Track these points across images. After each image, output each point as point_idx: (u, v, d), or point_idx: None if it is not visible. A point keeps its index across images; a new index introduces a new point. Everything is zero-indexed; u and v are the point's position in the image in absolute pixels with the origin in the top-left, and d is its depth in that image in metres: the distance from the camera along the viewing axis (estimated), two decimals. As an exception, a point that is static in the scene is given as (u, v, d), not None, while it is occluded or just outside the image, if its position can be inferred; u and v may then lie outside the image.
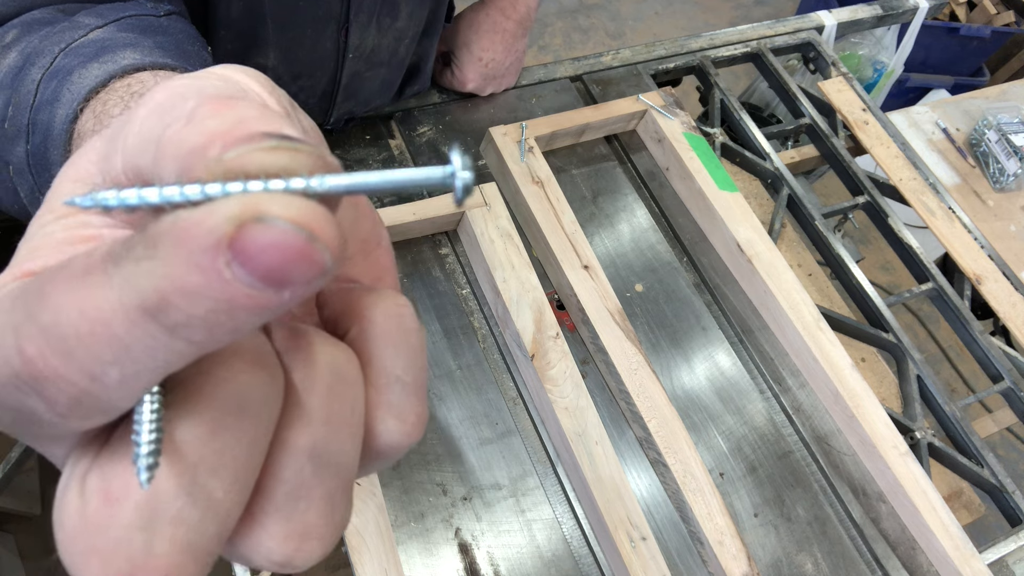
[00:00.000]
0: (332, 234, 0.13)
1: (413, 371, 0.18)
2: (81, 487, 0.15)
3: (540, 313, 0.71)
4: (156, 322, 0.12)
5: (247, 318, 0.13)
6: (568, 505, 0.68)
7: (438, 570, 0.63)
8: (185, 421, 0.15)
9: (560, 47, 2.57)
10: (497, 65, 0.89)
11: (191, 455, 0.14)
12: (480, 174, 0.86)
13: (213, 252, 0.12)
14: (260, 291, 0.12)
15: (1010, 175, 1.14)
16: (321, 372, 0.17)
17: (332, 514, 0.17)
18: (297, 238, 0.12)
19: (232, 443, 0.15)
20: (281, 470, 0.16)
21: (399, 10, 0.71)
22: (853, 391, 0.74)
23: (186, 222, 0.12)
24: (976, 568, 0.68)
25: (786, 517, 0.72)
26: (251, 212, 0.12)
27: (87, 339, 0.13)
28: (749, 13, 2.82)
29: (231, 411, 0.15)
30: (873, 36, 1.39)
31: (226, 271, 0.12)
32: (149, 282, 0.12)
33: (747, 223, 0.84)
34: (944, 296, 0.92)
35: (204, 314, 0.12)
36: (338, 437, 0.17)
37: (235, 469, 0.15)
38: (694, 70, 1.05)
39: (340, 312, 0.19)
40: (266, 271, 0.12)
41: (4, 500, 1.28)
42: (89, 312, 0.13)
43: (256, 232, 0.12)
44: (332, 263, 0.13)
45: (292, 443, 0.16)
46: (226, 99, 0.15)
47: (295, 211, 0.12)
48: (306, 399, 0.16)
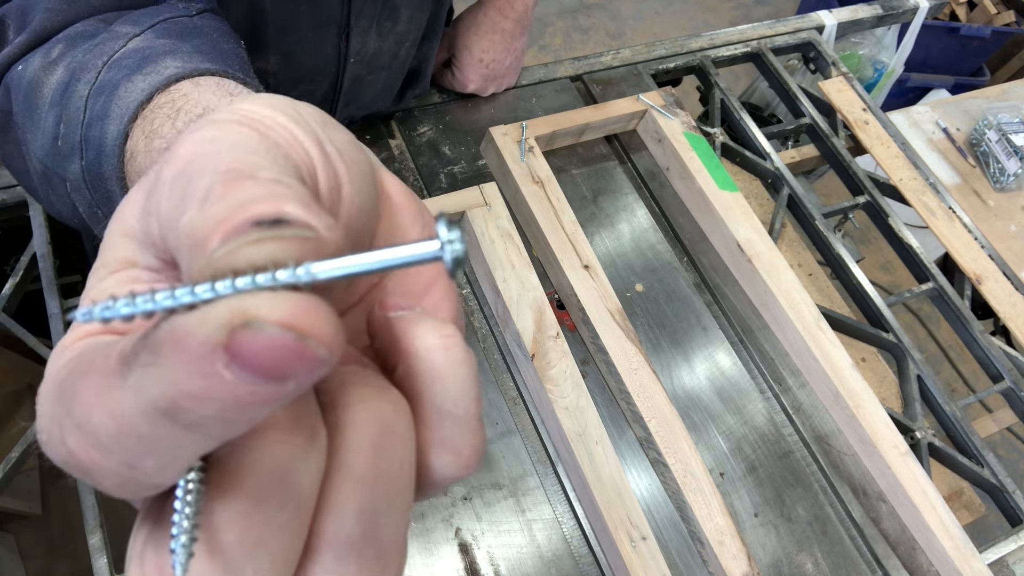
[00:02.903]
0: (323, 327, 0.13)
1: (464, 403, 0.18)
2: (141, 561, 0.16)
3: (540, 313, 0.71)
4: (173, 422, 0.13)
5: (257, 411, 0.13)
6: (568, 505, 0.68)
7: (438, 570, 0.63)
8: (224, 500, 0.15)
9: (560, 47, 2.57)
10: (497, 65, 0.89)
11: (233, 533, 0.15)
12: (480, 174, 0.86)
13: (210, 358, 0.12)
14: (263, 387, 0.13)
15: (1010, 175, 1.14)
16: (368, 429, 0.16)
17: (384, 572, 0.17)
18: (286, 339, 0.13)
19: (275, 515, 0.15)
20: (329, 533, 0.16)
21: (400, 14, 0.71)
22: (853, 391, 0.74)
23: (182, 330, 0.13)
24: (976, 568, 0.68)
25: (786, 517, 0.72)
26: (240, 317, 0.13)
27: (118, 437, 0.14)
28: (749, 13, 2.82)
29: (270, 483, 0.15)
30: (873, 36, 1.39)
31: (226, 373, 0.12)
32: (158, 388, 0.13)
33: (747, 223, 0.84)
34: (944, 296, 0.92)
35: (214, 413, 0.13)
36: (387, 495, 0.16)
37: (280, 539, 0.15)
38: (694, 70, 1.05)
39: (387, 345, 0.19)
40: (264, 371, 0.13)
41: (4, 500, 1.28)
42: (113, 414, 0.13)
43: (247, 337, 0.13)
44: (328, 355, 0.13)
45: (339, 507, 0.16)
46: (235, 176, 0.15)
47: (281, 312, 0.13)
48: (352, 459, 0.16)
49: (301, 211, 0.15)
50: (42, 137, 0.37)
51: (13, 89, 0.40)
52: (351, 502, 0.16)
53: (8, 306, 0.72)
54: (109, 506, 0.62)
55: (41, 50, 0.40)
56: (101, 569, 0.60)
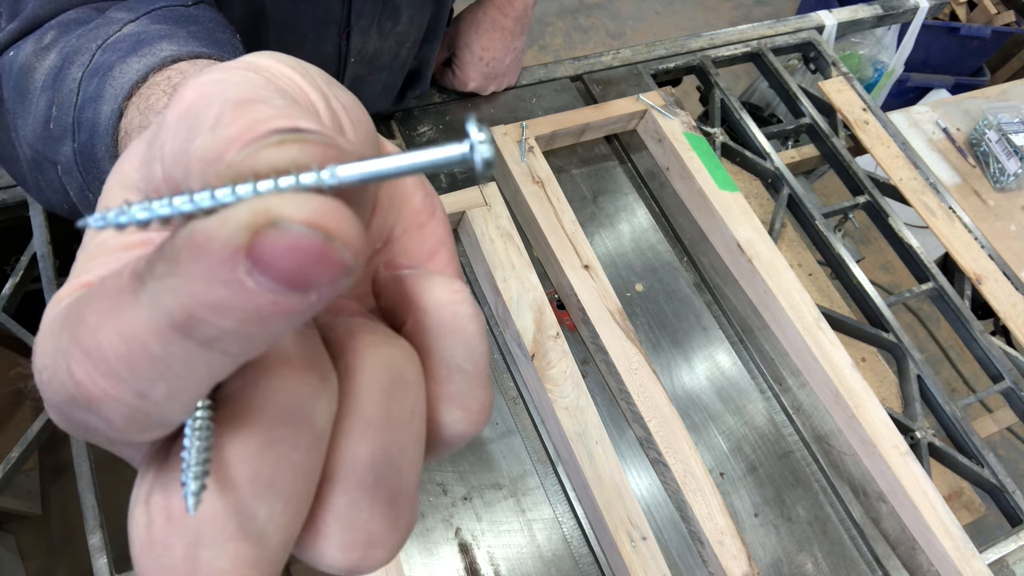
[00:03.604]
0: (350, 230, 0.12)
1: (473, 358, 0.18)
2: (147, 504, 0.15)
3: (540, 313, 0.71)
4: (189, 338, 0.12)
5: (278, 324, 0.13)
6: (568, 505, 0.68)
7: (438, 570, 0.63)
8: (235, 437, 0.14)
9: (560, 47, 2.57)
10: (498, 64, 0.89)
11: (244, 471, 0.14)
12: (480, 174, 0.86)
13: (231, 263, 0.12)
14: (285, 296, 0.12)
15: (1010, 175, 1.14)
16: (378, 374, 0.16)
17: (396, 520, 0.16)
18: (314, 239, 0.12)
19: (286, 455, 0.15)
20: (341, 479, 0.16)
21: (400, 14, 0.71)
22: (853, 391, 0.74)
23: (200, 235, 0.12)
24: (976, 568, 0.68)
25: (786, 517, 0.72)
26: (263, 217, 0.12)
27: (128, 360, 0.13)
28: (749, 13, 2.82)
29: (283, 421, 0.15)
30: (873, 36, 1.39)
31: (248, 280, 0.12)
32: (174, 300, 0.12)
33: (747, 223, 0.84)
34: (944, 296, 0.92)
35: (234, 325, 0.12)
36: (398, 442, 0.16)
37: (293, 480, 0.15)
38: (694, 70, 1.05)
39: (395, 303, 0.18)
40: (288, 276, 0.12)
41: (4, 500, 1.28)
42: (125, 334, 0.13)
43: (271, 238, 0.12)
44: (354, 260, 0.13)
45: (351, 451, 0.16)
46: (246, 102, 0.15)
47: (308, 211, 0.12)
48: (363, 404, 0.16)
49: (317, 126, 0.14)
50: (33, 122, 0.37)
51: (4, 75, 0.39)
52: (364, 446, 0.16)
53: (8, 306, 0.72)
54: (109, 506, 0.62)
55: (33, 36, 0.39)
56: (101, 569, 0.60)
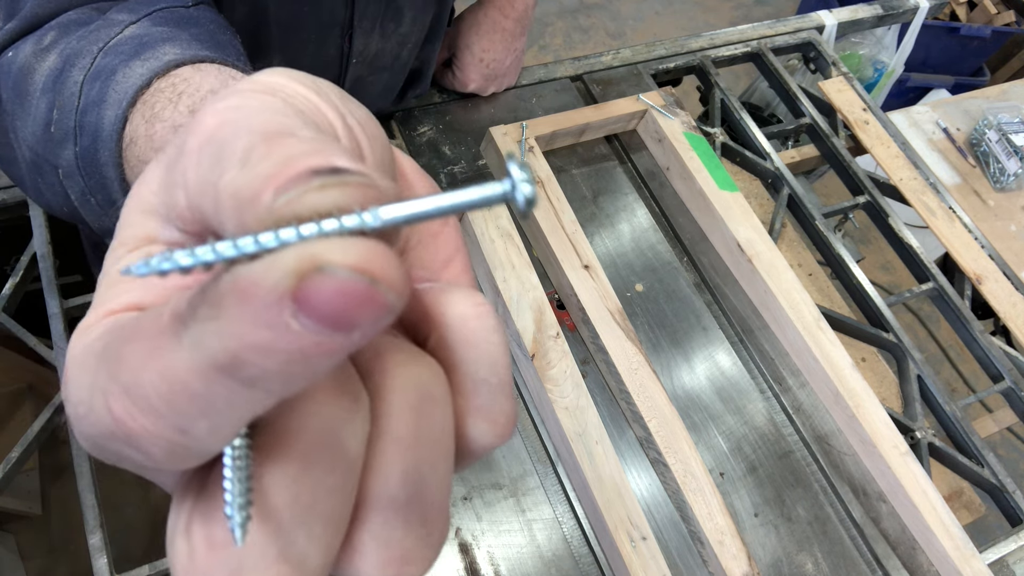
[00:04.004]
0: (394, 273, 0.13)
1: (498, 371, 0.18)
2: (187, 533, 0.15)
3: (540, 313, 0.71)
4: (232, 378, 0.13)
5: (321, 363, 0.13)
6: (568, 505, 0.68)
7: (438, 570, 0.63)
8: (273, 464, 0.15)
9: (560, 47, 2.57)
10: (498, 65, 0.89)
11: (283, 497, 0.14)
12: (480, 174, 0.86)
13: (277, 307, 0.12)
14: (330, 337, 0.12)
15: (1010, 175, 1.14)
16: (407, 394, 0.16)
17: (429, 536, 0.17)
18: (359, 283, 0.12)
19: (323, 478, 0.15)
20: (375, 499, 0.16)
21: (403, 16, 0.71)
22: (853, 391, 0.74)
23: (246, 280, 0.12)
24: (976, 568, 0.68)
25: (786, 517, 0.72)
26: (309, 263, 0.12)
27: (170, 398, 0.13)
28: (749, 13, 2.82)
29: (319, 446, 0.15)
30: (873, 36, 1.39)
31: (293, 323, 0.12)
32: (219, 342, 0.12)
33: (747, 223, 0.84)
34: (944, 296, 0.92)
35: (278, 366, 0.12)
36: (430, 458, 0.16)
37: (330, 503, 0.15)
38: (694, 70, 1.05)
39: (418, 318, 0.18)
40: (333, 319, 0.12)
41: (4, 500, 1.28)
42: (167, 374, 0.13)
43: (317, 283, 0.12)
44: (397, 301, 0.13)
45: (383, 472, 0.16)
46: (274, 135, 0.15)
47: (353, 256, 0.12)
48: (394, 424, 0.16)
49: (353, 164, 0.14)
50: (33, 124, 0.37)
51: (2, 76, 0.39)
52: (396, 466, 0.16)
53: (8, 306, 0.72)
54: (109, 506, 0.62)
55: (32, 37, 0.39)
56: (101, 569, 0.60)
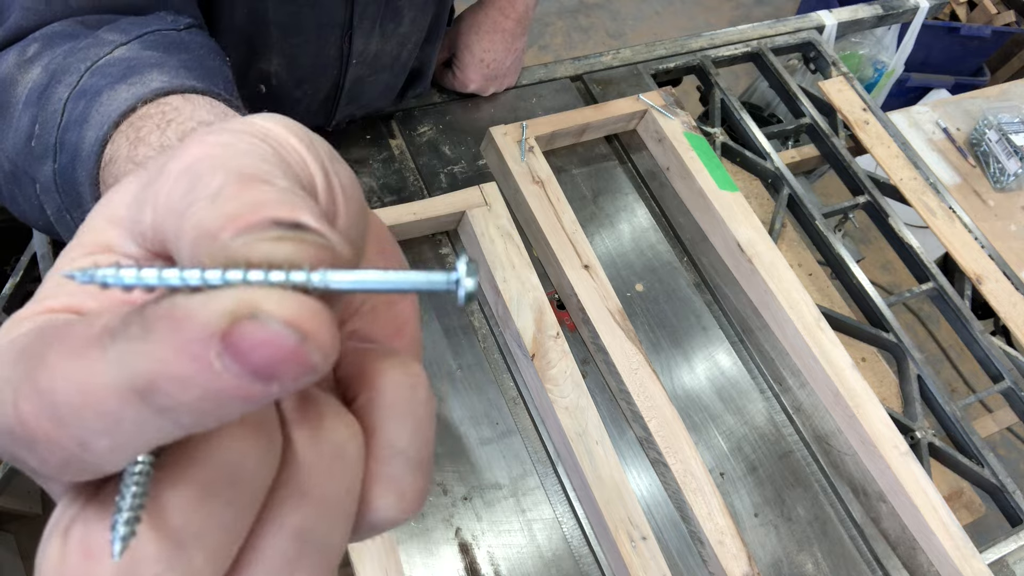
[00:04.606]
0: (325, 334, 0.13)
1: (417, 444, 0.18)
2: (65, 537, 0.15)
3: (540, 313, 0.71)
4: (145, 403, 0.13)
5: (234, 408, 0.13)
6: (568, 505, 0.68)
7: (438, 570, 0.63)
8: (174, 485, 0.14)
9: (560, 47, 2.57)
10: (498, 65, 0.89)
11: (176, 520, 0.14)
12: (480, 174, 0.86)
13: (205, 343, 0.12)
14: (248, 384, 0.13)
15: (1010, 175, 1.14)
16: (321, 449, 0.16)
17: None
18: (288, 339, 0.13)
19: (219, 511, 0.15)
20: (264, 547, 0.16)
21: (402, 16, 0.71)
22: (853, 391, 0.74)
23: (182, 310, 0.13)
24: (976, 568, 0.68)
25: (786, 517, 0.72)
26: (246, 308, 0.12)
27: (79, 410, 0.13)
28: (749, 13, 2.82)
29: (222, 478, 0.15)
30: (873, 36, 1.39)
31: (216, 363, 0.12)
32: (141, 364, 0.13)
33: (747, 223, 0.84)
34: (944, 296, 0.92)
35: (192, 401, 0.13)
36: (328, 519, 0.16)
37: (219, 538, 0.15)
38: (694, 70, 1.05)
39: (352, 375, 0.18)
40: (255, 368, 0.12)
41: (4, 500, 1.28)
42: (83, 385, 0.13)
43: (248, 329, 0.12)
44: (323, 363, 0.13)
45: (279, 521, 0.16)
46: (250, 178, 0.15)
47: (289, 310, 0.13)
48: (302, 476, 0.16)
49: (317, 223, 0.15)
50: (14, 136, 0.37)
51: None
52: (293, 518, 0.16)
53: (8, 306, 0.72)
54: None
55: (15, 48, 0.39)
56: (101, 569, 0.59)
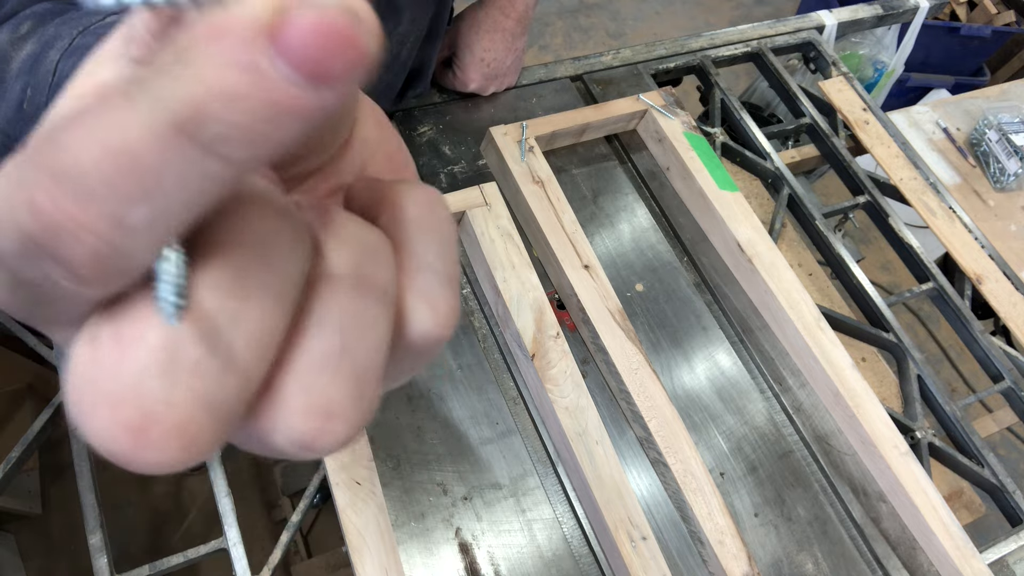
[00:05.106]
0: (371, 15, 0.12)
1: (445, 259, 0.18)
2: (92, 337, 0.13)
3: (540, 313, 0.71)
4: (191, 140, 0.11)
5: (290, 124, 0.12)
6: (568, 505, 0.68)
7: (438, 570, 0.63)
8: (205, 267, 0.13)
9: (560, 47, 2.57)
10: (499, 64, 0.89)
11: (211, 303, 0.13)
12: (480, 174, 0.86)
13: (252, 45, 0.11)
14: (303, 89, 0.12)
15: (1011, 175, 1.14)
16: (351, 243, 0.16)
17: (360, 394, 0.15)
18: (342, 18, 0.12)
19: (255, 293, 0.14)
20: (307, 339, 0.15)
21: (401, 15, 0.70)
22: (853, 391, 0.74)
23: (219, 19, 0.11)
24: (976, 568, 0.68)
25: (786, 517, 0.72)
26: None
27: (110, 174, 0.11)
28: (750, 13, 2.82)
29: (255, 260, 0.14)
30: (874, 36, 1.39)
31: (268, 66, 0.11)
32: (182, 91, 0.11)
33: (747, 223, 0.84)
34: (944, 296, 0.92)
35: (244, 121, 0.11)
36: (368, 310, 0.16)
37: (258, 321, 0.14)
38: (694, 70, 1.05)
39: (370, 201, 0.18)
40: (311, 61, 0.11)
41: (4, 500, 1.29)
42: (112, 142, 0.11)
43: (298, 16, 0.11)
44: (375, 52, 0.12)
45: (319, 317, 0.15)
46: None
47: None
48: (335, 267, 0.15)
49: None
50: (6, 107, 0.37)
51: None
52: (334, 310, 0.15)
53: (8, 306, 0.72)
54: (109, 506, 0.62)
55: (8, 26, 0.40)
56: (101, 569, 0.60)
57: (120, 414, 0.12)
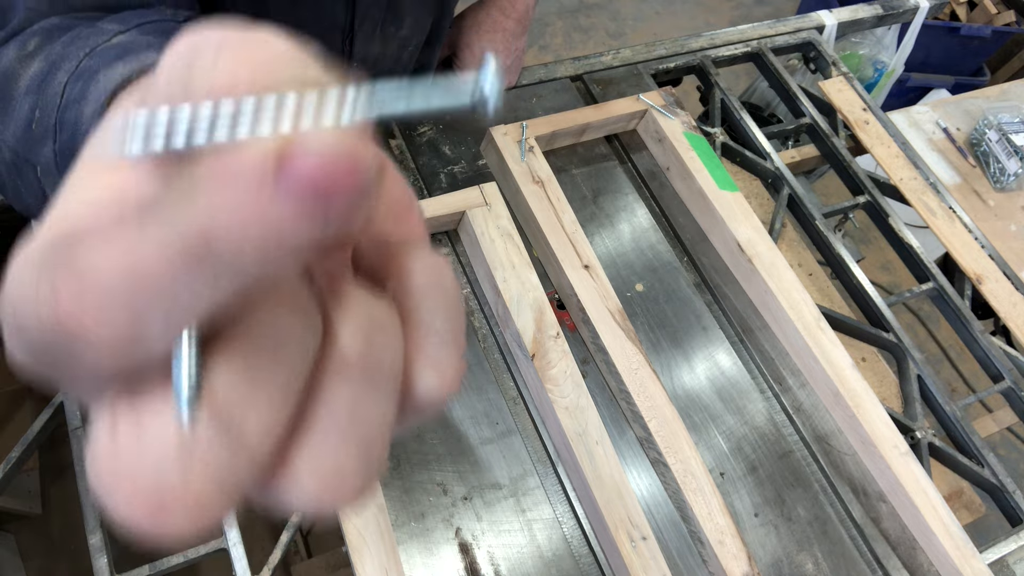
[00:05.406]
0: (371, 153, 0.13)
1: (451, 325, 0.18)
2: (113, 419, 0.14)
3: (540, 313, 0.71)
4: (201, 261, 0.12)
5: (294, 245, 0.13)
6: (568, 505, 0.68)
7: (438, 570, 0.63)
8: (218, 356, 0.14)
9: (560, 47, 2.57)
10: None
11: (224, 391, 0.14)
12: (480, 174, 0.86)
13: (259, 178, 0.12)
14: (306, 214, 0.12)
15: (1011, 175, 1.14)
16: (359, 320, 0.16)
17: (368, 459, 0.16)
18: (340, 156, 0.12)
19: (267, 380, 0.15)
20: (316, 417, 0.16)
21: (403, 19, 0.71)
22: (853, 391, 0.74)
23: (228, 155, 0.12)
24: (976, 568, 0.68)
25: (786, 517, 0.72)
26: (292, 139, 0.12)
27: (127, 287, 0.12)
28: (750, 13, 2.82)
29: (267, 349, 0.15)
30: (874, 36, 1.39)
31: (273, 193, 0.12)
32: (194, 222, 0.12)
33: (747, 223, 0.84)
34: (944, 296, 0.92)
35: (251, 244, 0.12)
36: (375, 393, 0.16)
37: (269, 407, 0.15)
38: (694, 70, 1.05)
39: (377, 266, 0.19)
40: (313, 190, 0.12)
41: (4, 500, 1.29)
42: (128, 259, 0.12)
43: (301, 153, 0.12)
44: (374, 181, 0.13)
45: (328, 395, 0.16)
46: (247, 38, 0.15)
47: (334, 135, 0.13)
48: (344, 345, 0.16)
49: (329, 69, 0.15)
50: (14, 125, 0.38)
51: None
52: (341, 393, 0.16)
53: (8, 306, 0.72)
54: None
55: (15, 42, 0.40)
56: (101, 569, 0.60)
57: (139, 495, 0.14)
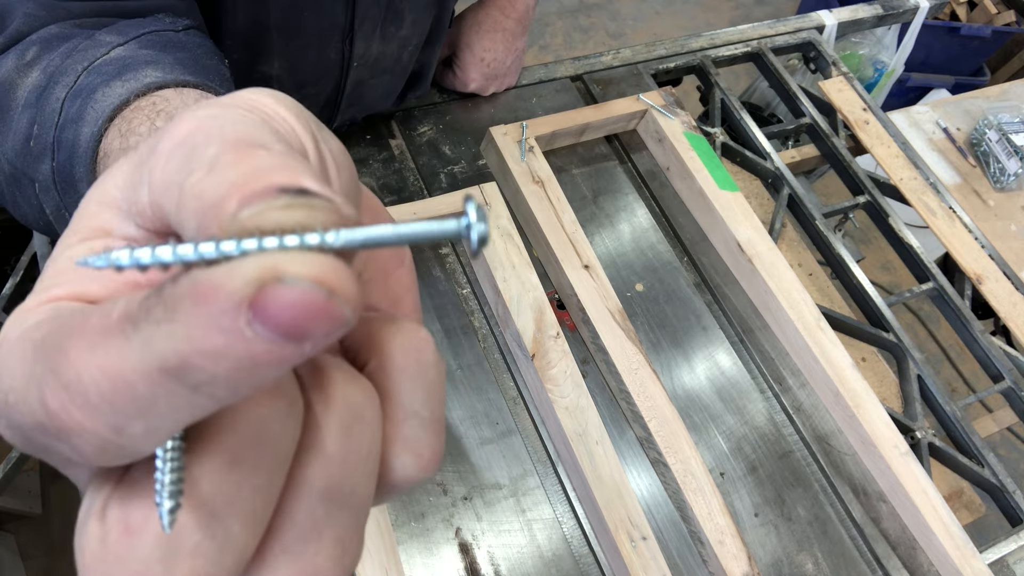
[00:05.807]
0: (350, 288, 0.13)
1: (430, 406, 0.18)
2: (102, 517, 0.15)
3: (540, 313, 0.71)
4: (178, 382, 0.13)
5: (269, 372, 0.13)
6: (568, 505, 0.68)
7: (438, 570, 0.63)
8: (204, 454, 0.15)
9: (560, 47, 2.57)
10: (499, 64, 0.89)
11: (209, 489, 0.15)
12: (480, 174, 0.86)
13: (234, 313, 0.12)
14: (281, 347, 0.13)
15: (1011, 175, 1.14)
16: (340, 411, 0.17)
17: (342, 556, 0.17)
18: (317, 295, 0.13)
19: (250, 476, 0.15)
20: (294, 510, 0.16)
21: (403, 19, 0.71)
22: (853, 391, 0.74)
23: (205, 285, 0.12)
24: (976, 568, 0.68)
25: (786, 517, 0.72)
26: (270, 272, 0.12)
27: (110, 397, 0.13)
28: (750, 13, 2.82)
29: (249, 443, 0.15)
30: (874, 36, 1.39)
31: (247, 331, 0.12)
32: (170, 345, 0.12)
33: (748, 223, 0.84)
34: (944, 296, 0.92)
35: (226, 372, 0.13)
36: (353, 477, 0.17)
37: (252, 503, 0.15)
38: (694, 70, 1.05)
39: (360, 343, 0.19)
40: (287, 328, 0.12)
41: (4, 500, 1.28)
42: (111, 373, 0.13)
43: (276, 292, 0.12)
44: (351, 316, 0.13)
45: (306, 482, 0.16)
46: (245, 144, 0.15)
47: (313, 268, 0.13)
48: (324, 437, 0.16)
49: (319, 186, 0.15)
50: (13, 138, 0.38)
51: None
52: (319, 479, 0.16)
53: (8, 306, 0.72)
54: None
55: (14, 51, 0.40)
56: (101, 569, 0.59)
57: None
